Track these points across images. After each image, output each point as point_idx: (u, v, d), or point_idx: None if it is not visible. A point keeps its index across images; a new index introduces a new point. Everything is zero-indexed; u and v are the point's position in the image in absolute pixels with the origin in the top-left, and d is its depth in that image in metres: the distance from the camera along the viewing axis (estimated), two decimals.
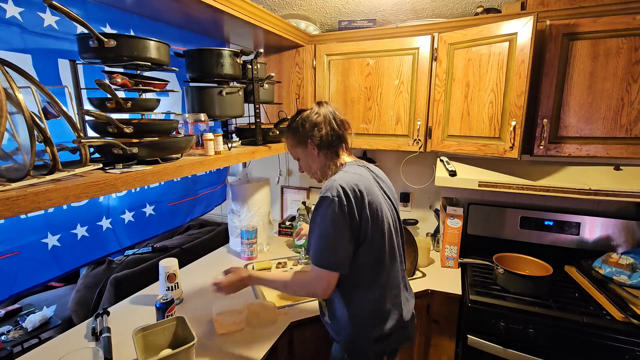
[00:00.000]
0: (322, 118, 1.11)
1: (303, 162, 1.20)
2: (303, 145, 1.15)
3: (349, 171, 1.07)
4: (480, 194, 1.98)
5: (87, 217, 1.39)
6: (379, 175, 1.17)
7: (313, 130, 1.11)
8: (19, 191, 0.70)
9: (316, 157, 1.15)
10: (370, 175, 1.11)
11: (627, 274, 1.49)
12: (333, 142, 1.13)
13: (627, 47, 1.32)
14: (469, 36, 1.50)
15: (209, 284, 1.20)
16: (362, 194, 1.00)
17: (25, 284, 1.21)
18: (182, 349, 1.05)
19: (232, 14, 1.29)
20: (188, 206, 1.91)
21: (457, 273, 1.77)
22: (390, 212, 1.12)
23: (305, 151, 1.16)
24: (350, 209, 0.97)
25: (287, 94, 2.00)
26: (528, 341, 1.40)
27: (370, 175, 1.12)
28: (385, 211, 1.06)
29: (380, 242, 1.04)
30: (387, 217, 1.07)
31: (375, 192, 1.05)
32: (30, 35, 1.11)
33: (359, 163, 1.15)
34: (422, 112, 1.70)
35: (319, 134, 1.11)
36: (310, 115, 1.12)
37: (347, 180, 1.00)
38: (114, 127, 0.98)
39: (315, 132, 1.11)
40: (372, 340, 1.08)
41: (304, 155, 1.17)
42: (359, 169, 1.10)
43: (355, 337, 1.09)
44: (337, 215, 0.97)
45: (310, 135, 1.12)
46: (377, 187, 1.10)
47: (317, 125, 1.11)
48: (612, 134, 1.39)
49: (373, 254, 1.04)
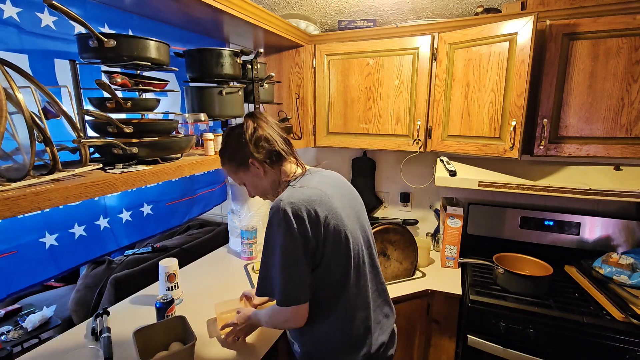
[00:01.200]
0: (260, 131, 0.97)
1: (250, 186, 1.06)
2: (244, 167, 1.00)
3: (301, 185, 0.93)
4: (480, 194, 1.98)
5: (85, 216, 1.39)
6: (337, 184, 1.03)
7: (254, 147, 0.96)
8: (18, 191, 0.70)
9: (263, 176, 1.01)
10: (327, 185, 0.97)
11: (627, 274, 1.49)
12: (279, 154, 0.99)
13: (627, 47, 1.32)
14: (469, 36, 1.50)
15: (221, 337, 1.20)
16: (315, 212, 0.87)
17: (23, 283, 1.21)
18: (182, 349, 1.05)
19: (232, 13, 1.29)
20: (186, 206, 1.91)
21: (457, 273, 1.77)
22: (356, 223, 1.00)
23: (248, 173, 1.02)
24: (302, 230, 0.85)
25: (287, 94, 2.00)
26: (528, 341, 1.40)
27: (328, 184, 0.98)
28: (347, 225, 0.94)
29: (341, 262, 0.92)
30: (350, 232, 0.94)
31: (332, 205, 0.92)
32: (27, 36, 1.11)
33: (312, 172, 1.02)
34: (422, 112, 1.70)
35: (262, 149, 0.97)
36: (247, 132, 0.97)
37: (296, 197, 0.87)
38: (114, 127, 0.98)
39: (255, 149, 0.96)
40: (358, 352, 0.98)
41: (250, 178, 1.03)
42: (312, 180, 0.97)
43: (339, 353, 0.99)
44: (288, 241, 0.85)
45: (251, 153, 0.97)
46: (337, 198, 0.96)
47: (257, 140, 0.96)
48: (612, 134, 1.39)
49: (331, 276, 0.92)
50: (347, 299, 0.96)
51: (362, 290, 0.99)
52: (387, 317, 1.10)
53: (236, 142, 0.99)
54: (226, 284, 1.66)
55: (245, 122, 1.00)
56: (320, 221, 0.88)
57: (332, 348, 0.99)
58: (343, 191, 1.04)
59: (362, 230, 1.04)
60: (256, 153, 0.97)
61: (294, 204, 0.86)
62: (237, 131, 1.00)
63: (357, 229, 1.01)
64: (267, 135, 0.98)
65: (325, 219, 0.89)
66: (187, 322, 1.17)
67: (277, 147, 0.98)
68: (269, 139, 0.98)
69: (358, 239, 1.00)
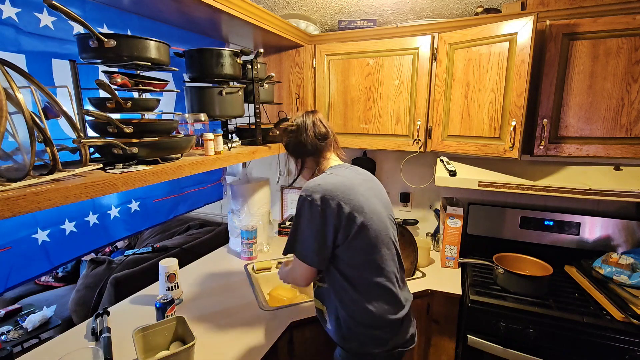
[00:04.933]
0: (295, 130, 1.17)
1: (297, 170, 1.26)
2: (292, 155, 1.23)
3: (331, 173, 1.10)
4: (480, 194, 1.98)
5: (75, 212, 1.40)
6: (366, 179, 1.17)
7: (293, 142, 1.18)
8: (19, 191, 0.70)
9: (304, 165, 1.21)
10: (355, 178, 1.11)
11: (627, 274, 1.49)
12: (314, 149, 1.16)
13: (627, 47, 1.32)
14: (469, 36, 1.50)
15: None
16: (334, 197, 1.02)
17: (17, 279, 1.23)
18: (182, 349, 1.05)
19: (232, 13, 1.29)
20: (172, 203, 1.92)
21: (457, 273, 1.77)
22: (378, 215, 1.09)
23: (295, 161, 1.23)
24: (323, 210, 1.01)
25: (287, 94, 2.00)
26: (528, 341, 1.40)
27: (356, 178, 1.12)
28: (367, 214, 1.05)
29: (361, 245, 1.04)
30: (370, 221, 1.05)
31: (353, 195, 1.04)
32: (25, 36, 1.11)
33: (345, 166, 1.17)
34: (422, 112, 1.70)
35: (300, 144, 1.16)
36: (287, 129, 1.20)
37: (324, 182, 1.04)
38: (114, 127, 0.98)
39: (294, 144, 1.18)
40: (373, 344, 1.07)
41: (297, 164, 1.23)
42: (344, 171, 1.12)
43: (355, 341, 1.08)
44: (308, 214, 1.02)
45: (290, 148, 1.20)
46: (361, 191, 1.08)
47: (298, 135, 1.16)
48: (612, 134, 1.39)
49: (353, 256, 1.05)
50: (373, 280, 1.07)
51: (384, 274, 1.08)
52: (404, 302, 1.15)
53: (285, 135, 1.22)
54: (226, 284, 1.66)
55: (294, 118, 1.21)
56: (337, 205, 1.01)
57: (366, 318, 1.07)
58: (374, 186, 1.16)
59: (390, 221, 1.15)
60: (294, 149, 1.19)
61: (321, 186, 1.03)
62: (284, 124, 1.23)
63: (380, 219, 1.09)
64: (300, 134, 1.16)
65: (342, 205, 1.01)
66: (187, 322, 1.17)
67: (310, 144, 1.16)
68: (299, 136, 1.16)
69: (385, 228, 1.10)
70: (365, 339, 1.08)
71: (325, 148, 1.18)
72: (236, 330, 1.31)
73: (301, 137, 1.15)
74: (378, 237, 1.06)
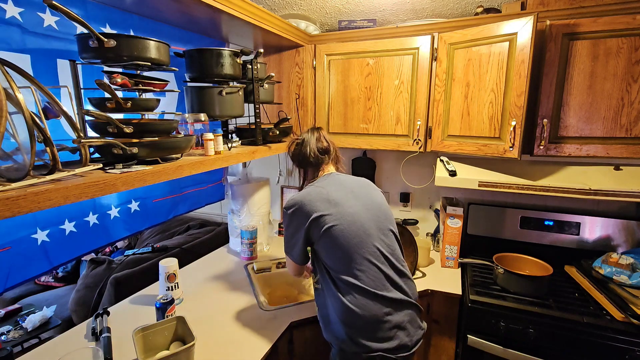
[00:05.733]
0: (301, 143, 1.31)
1: (301, 178, 1.39)
2: (295, 164, 1.37)
3: (315, 185, 1.22)
4: (480, 194, 1.98)
5: (75, 212, 1.40)
6: (353, 187, 1.23)
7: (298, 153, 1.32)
8: (18, 191, 0.70)
9: (306, 174, 1.34)
10: (331, 186, 1.20)
11: (627, 274, 1.49)
12: (315, 161, 1.29)
13: (627, 47, 1.32)
14: (469, 36, 1.50)
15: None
16: (304, 205, 1.15)
17: (17, 279, 1.23)
18: (182, 349, 1.05)
19: (232, 14, 1.29)
20: (171, 204, 1.93)
21: (457, 273, 1.77)
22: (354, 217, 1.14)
23: (299, 170, 1.37)
24: (298, 216, 1.15)
25: (287, 94, 2.00)
26: (528, 341, 1.40)
27: (333, 185, 1.20)
28: (334, 215, 1.12)
29: (332, 244, 1.11)
30: (339, 222, 1.12)
31: (323, 202, 1.14)
32: (29, 36, 1.11)
33: (333, 175, 1.26)
34: (422, 112, 1.70)
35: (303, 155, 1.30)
36: (292, 143, 1.35)
37: (302, 194, 1.18)
38: (114, 127, 0.98)
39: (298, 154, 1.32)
40: (359, 345, 1.07)
41: (300, 173, 1.38)
42: (324, 182, 1.22)
43: (342, 341, 1.10)
44: (289, 220, 1.19)
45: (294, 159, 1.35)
46: (336, 197, 1.16)
47: (300, 149, 1.30)
48: (612, 134, 1.39)
49: (328, 255, 1.13)
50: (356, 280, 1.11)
51: (369, 274, 1.11)
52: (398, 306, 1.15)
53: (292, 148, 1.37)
54: (226, 284, 1.66)
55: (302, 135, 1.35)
56: (307, 212, 1.14)
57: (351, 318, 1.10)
58: (359, 192, 1.23)
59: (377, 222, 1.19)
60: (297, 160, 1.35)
61: (297, 198, 1.17)
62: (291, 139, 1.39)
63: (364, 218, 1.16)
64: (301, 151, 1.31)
65: (310, 211, 1.13)
66: (187, 322, 1.17)
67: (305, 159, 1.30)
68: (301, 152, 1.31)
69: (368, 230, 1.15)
70: (346, 338, 1.09)
71: (325, 161, 1.30)
72: (236, 330, 1.31)
73: (305, 149, 1.28)
74: (349, 237, 1.10)
